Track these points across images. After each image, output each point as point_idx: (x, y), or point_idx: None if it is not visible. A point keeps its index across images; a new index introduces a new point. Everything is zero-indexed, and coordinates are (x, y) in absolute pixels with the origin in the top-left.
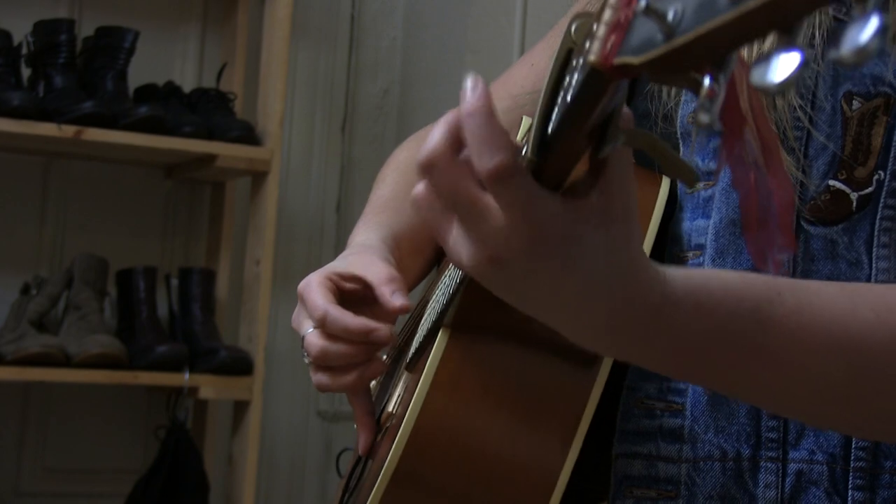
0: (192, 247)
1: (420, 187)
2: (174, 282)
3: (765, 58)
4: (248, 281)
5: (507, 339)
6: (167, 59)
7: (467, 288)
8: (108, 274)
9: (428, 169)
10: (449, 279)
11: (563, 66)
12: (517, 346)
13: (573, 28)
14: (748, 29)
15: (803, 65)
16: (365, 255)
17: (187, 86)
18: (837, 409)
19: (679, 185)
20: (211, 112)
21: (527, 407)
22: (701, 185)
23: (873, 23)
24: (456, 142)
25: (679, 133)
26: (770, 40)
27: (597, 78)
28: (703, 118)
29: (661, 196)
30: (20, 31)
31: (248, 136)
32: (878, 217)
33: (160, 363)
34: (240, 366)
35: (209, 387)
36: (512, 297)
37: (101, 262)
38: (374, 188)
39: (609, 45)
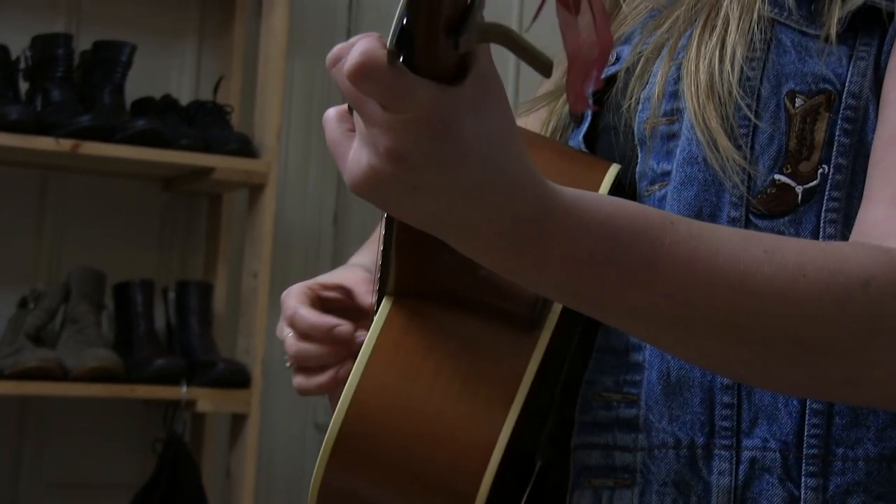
0: (190, 260)
1: (331, 109)
2: (171, 295)
3: None
4: (246, 293)
5: (448, 303)
6: (164, 73)
7: (397, 251)
8: (105, 287)
9: (336, 61)
10: (382, 244)
11: None
12: (459, 310)
13: None
14: None
15: None
16: (348, 268)
17: (184, 99)
18: (714, 343)
19: (638, 186)
20: (208, 125)
21: (468, 368)
22: (656, 186)
23: None
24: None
25: (636, 139)
26: None
27: None
28: None
29: (606, 181)
30: (18, 46)
31: (245, 148)
32: (823, 209)
33: (157, 376)
34: (237, 378)
35: (207, 400)
36: (410, 202)
37: (98, 275)
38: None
39: None
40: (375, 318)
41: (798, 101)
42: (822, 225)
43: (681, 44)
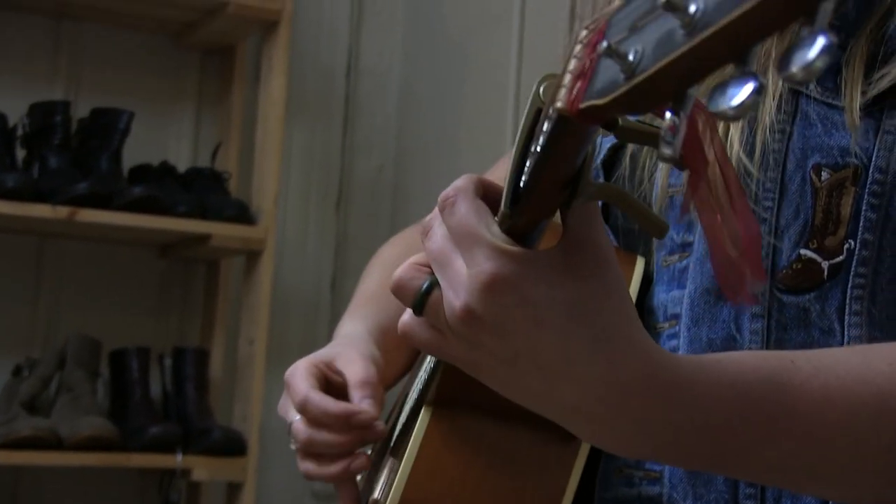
0: (186, 326)
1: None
2: (168, 361)
3: (721, 86)
4: (242, 360)
5: (488, 415)
6: (162, 139)
7: (447, 364)
8: (101, 354)
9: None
10: (430, 360)
11: (532, 124)
12: (499, 421)
13: (541, 89)
14: (703, 60)
15: (757, 91)
16: (350, 349)
17: (182, 165)
18: (873, 475)
19: (656, 260)
20: (205, 191)
21: (511, 482)
22: (675, 256)
23: (820, 41)
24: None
25: (663, 204)
26: (726, 71)
27: (565, 124)
28: (666, 151)
29: (636, 275)
30: (16, 113)
31: (243, 215)
32: (850, 285)
33: (153, 444)
34: (233, 446)
35: (202, 468)
36: (503, 375)
37: (93, 342)
38: (359, 282)
39: (575, 92)
40: (415, 431)
41: (824, 175)
42: (848, 301)
43: None
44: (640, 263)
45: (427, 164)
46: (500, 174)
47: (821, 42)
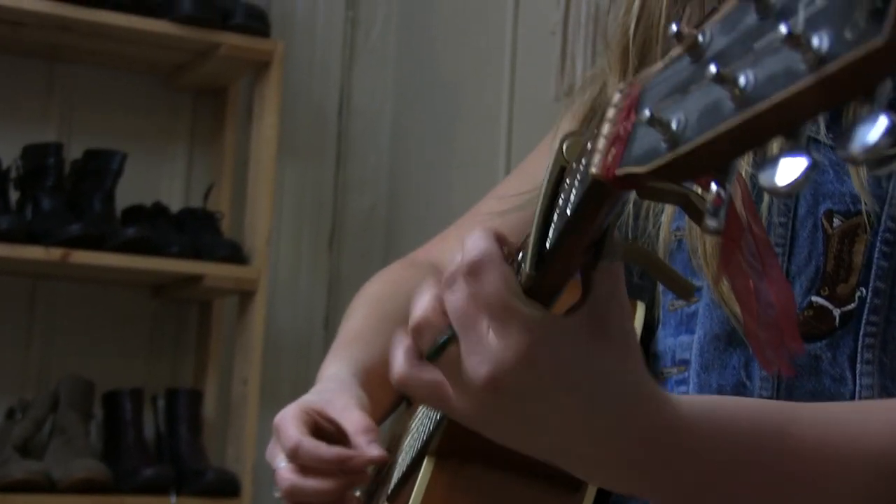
0: (179, 367)
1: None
2: (161, 402)
3: (772, 161)
4: (236, 400)
5: (493, 465)
6: (155, 180)
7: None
8: (94, 396)
9: (450, 283)
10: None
11: (556, 184)
12: (503, 472)
13: (564, 147)
14: (753, 134)
15: (811, 168)
16: (341, 396)
17: (175, 205)
18: None
19: (662, 303)
20: (198, 232)
21: None
22: (682, 301)
23: (882, 122)
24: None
25: (669, 248)
26: (776, 144)
27: (599, 190)
28: (711, 223)
29: (636, 322)
30: (9, 155)
31: (236, 255)
32: (861, 334)
33: (146, 486)
34: (227, 487)
35: None
36: (509, 428)
37: (86, 384)
38: (344, 320)
39: (610, 157)
40: (418, 481)
41: (836, 222)
42: (859, 350)
43: None
44: (640, 310)
45: (419, 202)
46: (508, 187)
47: (883, 123)
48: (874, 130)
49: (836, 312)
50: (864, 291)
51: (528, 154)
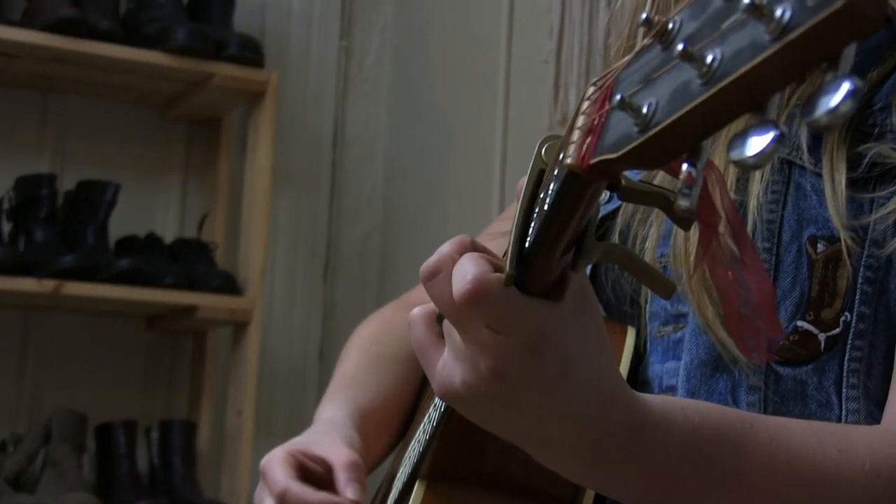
0: (173, 398)
1: (417, 309)
2: (154, 434)
3: (741, 135)
4: (230, 432)
5: (483, 488)
6: (149, 210)
7: (442, 437)
8: (86, 428)
9: (433, 274)
10: (423, 433)
11: (535, 186)
12: (494, 495)
13: (543, 150)
14: (722, 110)
15: (777, 139)
16: (330, 435)
17: (169, 236)
18: None
19: (649, 330)
20: (192, 262)
21: None
22: (670, 327)
23: (844, 86)
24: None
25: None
26: (744, 120)
27: (574, 181)
28: (683, 203)
29: (627, 347)
30: (2, 187)
31: (230, 285)
32: (847, 358)
33: None
34: None
35: None
36: (502, 417)
37: (79, 416)
38: (338, 364)
39: (585, 147)
40: None
41: (820, 247)
42: (845, 374)
43: None
44: (630, 334)
45: (414, 232)
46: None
47: (846, 87)
48: (837, 95)
49: (822, 337)
50: (849, 316)
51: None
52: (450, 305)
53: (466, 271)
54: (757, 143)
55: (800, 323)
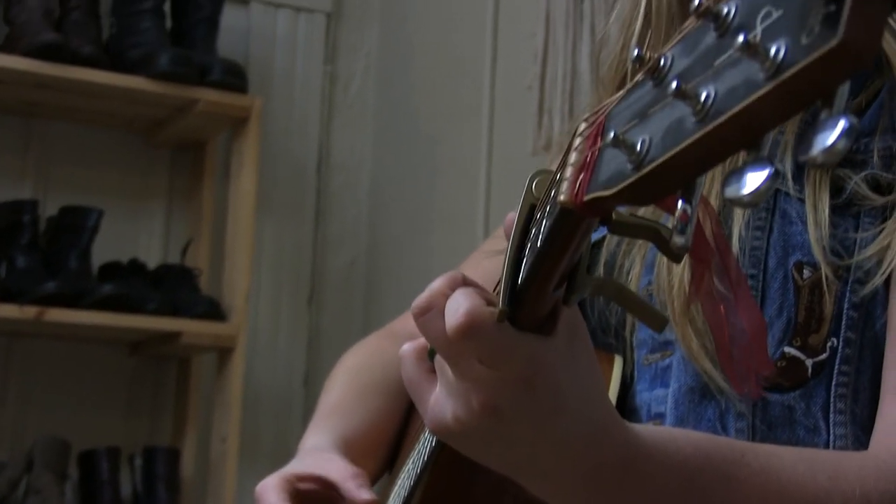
0: (157, 425)
1: (408, 344)
2: (138, 461)
3: (736, 173)
4: (214, 458)
5: None
6: (132, 236)
7: (434, 470)
8: (70, 456)
9: (425, 311)
10: (413, 465)
11: (526, 221)
12: None
13: (533, 184)
14: (717, 148)
15: (772, 177)
16: (321, 455)
17: (152, 262)
18: None
19: (637, 358)
20: (176, 288)
21: None
22: (658, 355)
23: (841, 124)
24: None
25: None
26: (739, 158)
27: (568, 218)
28: (678, 241)
29: (615, 376)
30: None
31: (214, 311)
32: (834, 384)
33: None
34: None
35: None
36: (496, 451)
37: (62, 444)
38: (323, 393)
39: (578, 184)
40: None
41: (806, 273)
42: (832, 400)
43: None
44: (618, 363)
45: (399, 258)
46: (469, 273)
47: (842, 125)
48: (833, 132)
49: (809, 363)
50: (836, 342)
51: (508, 213)
52: (442, 340)
53: (459, 305)
54: (752, 181)
55: (787, 349)
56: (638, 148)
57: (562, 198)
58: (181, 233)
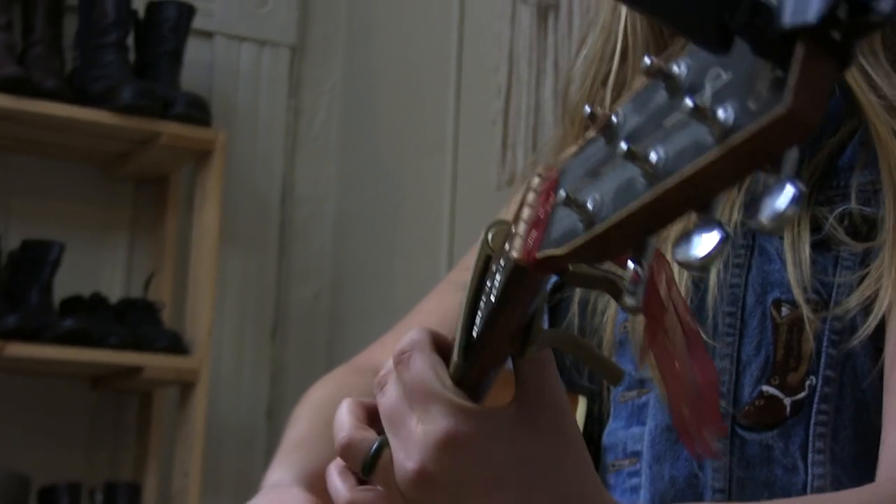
0: (119, 460)
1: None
2: (99, 497)
3: (686, 236)
4: (177, 493)
5: None
6: (95, 269)
7: None
8: (30, 491)
9: (379, 385)
10: None
11: (482, 273)
12: None
13: (489, 236)
14: (666, 209)
15: (723, 241)
16: (285, 490)
17: (115, 296)
18: None
19: (612, 395)
20: (138, 322)
21: None
22: (634, 392)
23: (788, 190)
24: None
25: (616, 339)
26: (691, 219)
27: (521, 274)
28: (629, 301)
29: (577, 417)
30: None
31: (176, 345)
32: (812, 422)
33: None
34: None
35: None
36: None
37: (22, 479)
38: (288, 427)
39: (531, 241)
40: None
41: (784, 311)
42: (811, 439)
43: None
44: (581, 404)
45: (363, 291)
46: (432, 306)
47: (790, 191)
48: (781, 198)
49: (787, 401)
50: (815, 380)
51: (471, 246)
52: (388, 405)
53: (422, 363)
54: (703, 244)
55: (765, 388)
56: (589, 207)
57: (514, 255)
58: (144, 266)
